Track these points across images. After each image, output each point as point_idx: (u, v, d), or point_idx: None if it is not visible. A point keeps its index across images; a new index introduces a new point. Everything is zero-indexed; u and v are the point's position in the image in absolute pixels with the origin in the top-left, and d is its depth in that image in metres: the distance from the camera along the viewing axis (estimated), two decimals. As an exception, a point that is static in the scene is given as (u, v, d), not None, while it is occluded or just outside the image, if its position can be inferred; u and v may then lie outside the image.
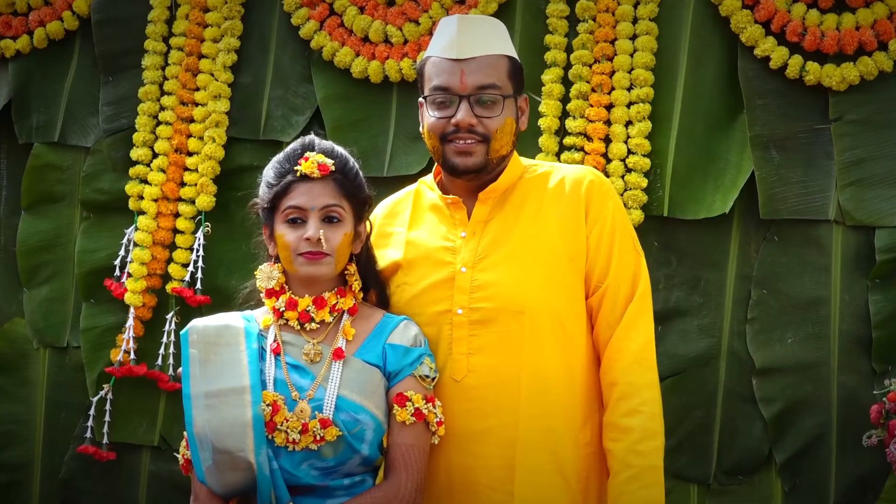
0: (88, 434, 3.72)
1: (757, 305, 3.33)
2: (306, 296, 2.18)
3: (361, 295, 2.26)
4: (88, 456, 3.71)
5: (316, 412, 2.10)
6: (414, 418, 2.13)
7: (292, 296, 2.19)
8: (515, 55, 2.34)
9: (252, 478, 2.05)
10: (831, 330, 3.30)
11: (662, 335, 3.26)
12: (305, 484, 2.10)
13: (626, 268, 2.28)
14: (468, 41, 2.24)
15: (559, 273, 2.25)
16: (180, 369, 2.17)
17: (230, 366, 2.10)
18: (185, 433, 2.16)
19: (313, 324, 2.18)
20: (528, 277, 2.24)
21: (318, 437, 2.07)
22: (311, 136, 2.23)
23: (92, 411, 3.74)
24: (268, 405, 2.07)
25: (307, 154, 2.18)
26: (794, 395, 3.29)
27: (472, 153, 2.24)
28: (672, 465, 3.24)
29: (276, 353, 2.15)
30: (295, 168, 2.16)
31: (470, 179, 2.28)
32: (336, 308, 2.19)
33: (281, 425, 2.07)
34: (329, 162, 2.17)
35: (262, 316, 2.22)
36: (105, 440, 3.73)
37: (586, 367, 2.28)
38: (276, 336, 2.17)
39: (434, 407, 2.17)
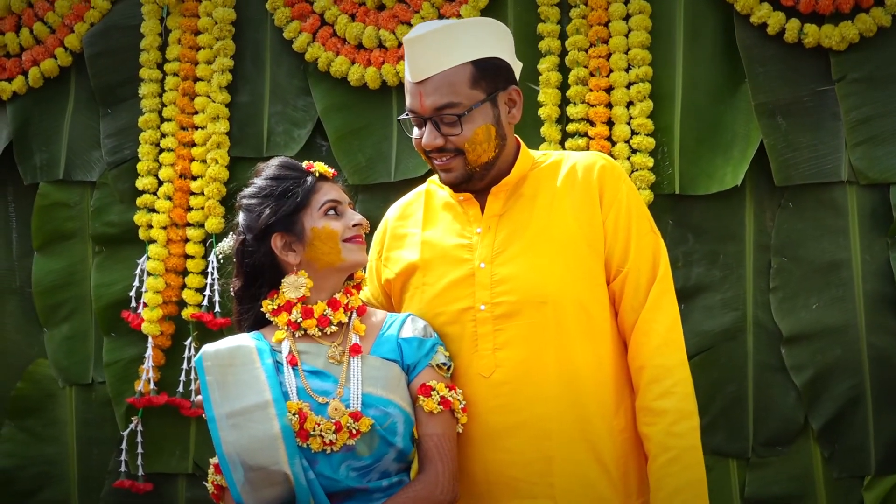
0: (122, 468, 3.72)
1: (778, 274, 3.31)
2: (319, 301, 2.19)
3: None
4: (125, 490, 3.70)
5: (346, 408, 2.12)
6: (441, 406, 2.15)
7: (305, 305, 2.20)
8: (488, 52, 2.20)
9: (289, 489, 2.06)
10: (855, 291, 3.28)
11: (686, 313, 3.24)
12: (345, 488, 2.10)
13: (645, 250, 2.25)
14: (420, 60, 2.19)
15: (579, 261, 2.23)
16: (199, 397, 2.18)
17: (248, 384, 2.11)
18: (210, 461, 2.16)
19: (332, 327, 2.19)
20: (549, 267, 2.22)
21: (353, 432, 2.09)
22: (279, 157, 2.31)
23: (124, 445, 3.74)
24: (294, 414, 2.08)
25: (308, 162, 2.27)
26: (824, 360, 3.28)
27: (451, 168, 2.23)
28: (709, 441, 3.23)
29: (293, 364, 2.16)
30: (311, 170, 2.25)
31: (464, 189, 2.28)
32: (348, 307, 2.22)
33: (314, 430, 2.08)
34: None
35: (269, 333, 2.23)
36: (140, 472, 3.73)
37: (613, 352, 2.26)
38: (290, 348, 2.18)
39: (457, 394, 2.18)
